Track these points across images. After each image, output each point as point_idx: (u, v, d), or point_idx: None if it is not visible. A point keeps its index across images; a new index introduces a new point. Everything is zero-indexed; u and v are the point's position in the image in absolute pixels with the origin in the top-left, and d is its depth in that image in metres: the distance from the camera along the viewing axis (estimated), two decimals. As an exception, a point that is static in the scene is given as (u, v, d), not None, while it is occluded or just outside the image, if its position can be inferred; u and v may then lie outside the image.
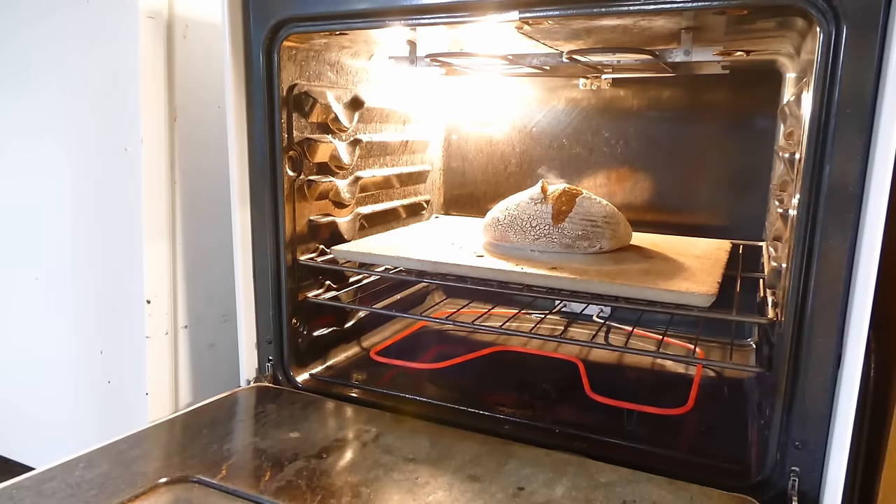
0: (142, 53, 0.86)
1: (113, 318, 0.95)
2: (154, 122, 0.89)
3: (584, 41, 0.81)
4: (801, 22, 0.63)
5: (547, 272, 0.77)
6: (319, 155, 0.90)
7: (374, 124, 1.05)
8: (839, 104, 0.54)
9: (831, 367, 0.57)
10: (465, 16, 0.68)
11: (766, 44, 0.80)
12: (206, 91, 0.95)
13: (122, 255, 0.92)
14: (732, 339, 0.95)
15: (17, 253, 1.04)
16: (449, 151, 1.26)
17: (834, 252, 0.56)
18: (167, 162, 0.91)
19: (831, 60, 0.54)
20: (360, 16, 0.72)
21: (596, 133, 1.13)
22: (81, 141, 0.94)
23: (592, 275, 0.77)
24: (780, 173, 0.88)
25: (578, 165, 1.14)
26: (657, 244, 0.96)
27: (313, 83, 0.89)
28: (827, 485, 0.59)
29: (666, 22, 0.67)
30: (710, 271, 0.79)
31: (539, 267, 0.80)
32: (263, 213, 0.83)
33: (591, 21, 0.67)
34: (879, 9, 0.52)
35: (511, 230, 0.90)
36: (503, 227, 0.91)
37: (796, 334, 0.59)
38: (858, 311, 0.55)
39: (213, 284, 1.00)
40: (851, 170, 0.54)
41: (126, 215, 0.91)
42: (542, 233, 0.87)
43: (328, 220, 0.94)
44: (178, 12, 0.90)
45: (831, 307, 0.57)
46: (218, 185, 0.94)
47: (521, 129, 1.19)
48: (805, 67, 0.70)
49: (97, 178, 0.93)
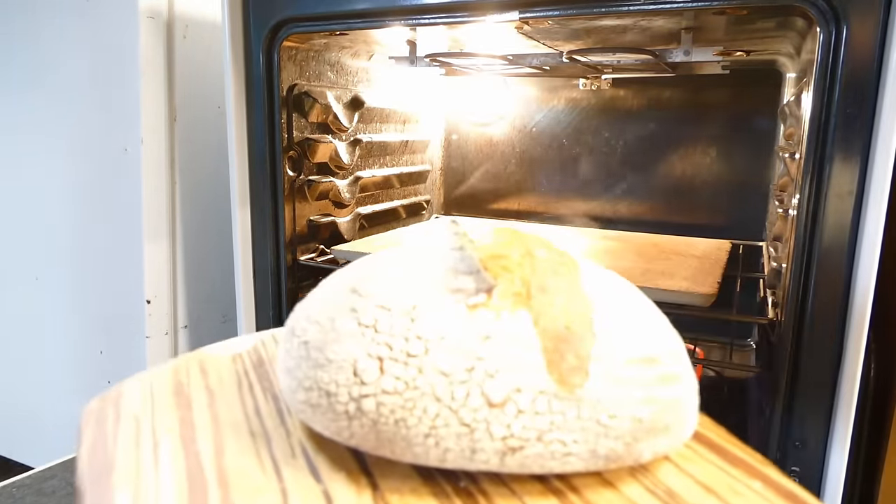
0: (142, 53, 0.86)
1: (113, 318, 0.95)
2: (154, 122, 0.89)
3: (584, 41, 0.81)
4: (801, 22, 0.63)
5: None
6: (319, 155, 0.90)
7: (374, 124, 1.05)
8: (839, 104, 0.54)
9: (831, 367, 0.57)
10: (465, 16, 0.68)
11: (766, 44, 0.80)
12: (206, 91, 0.95)
13: (122, 255, 0.92)
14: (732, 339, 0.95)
15: (17, 253, 1.04)
16: (449, 151, 1.26)
17: (834, 252, 0.56)
18: (167, 162, 0.91)
19: (831, 60, 0.54)
20: (360, 16, 0.72)
21: (596, 133, 1.13)
22: (81, 141, 0.94)
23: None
24: (780, 173, 0.88)
25: (578, 165, 1.14)
26: (657, 244, 0.96)
27: (313, 83, 0.89)
28: (827, 484, 0.59)
29: (666, 22, 0.67)
30: (710, 271, 0.79)
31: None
32: (263, 213, 0.83)
33: (591, 21, 0.67)
34: (879, 9, 0.52)
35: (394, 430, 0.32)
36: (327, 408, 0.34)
37: (796, 334, 0.59)
38: (858, 311, 0.55)
39: (213, 284, 1.00)
40: (851, 170, 0.54)
41: (126, 215, 0.91)
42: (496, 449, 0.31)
43: (328, 220, 0.94)
44: (178, 12, 0.90)
45: (831, 307, 0.57)
46: (218, 186, 0.94)
47: (521, 129, 1.19)
48: (805, 67, 0.70)
49: (97, 178, 0.93)
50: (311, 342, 0.32)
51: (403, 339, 0.30)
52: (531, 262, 0.33)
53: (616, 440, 0.30)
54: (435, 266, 0.33)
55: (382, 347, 0.30)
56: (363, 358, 0.30)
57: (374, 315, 0.31)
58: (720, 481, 0.32)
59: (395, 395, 0.29)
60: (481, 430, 0.29)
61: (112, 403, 0.38)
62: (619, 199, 1.11)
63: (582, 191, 1.15)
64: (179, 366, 0.43)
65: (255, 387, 0.40)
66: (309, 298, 0.36)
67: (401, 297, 0.31)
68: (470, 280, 0.31)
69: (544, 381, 0.29)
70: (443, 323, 0.30)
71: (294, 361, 0.33)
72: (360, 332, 0.31)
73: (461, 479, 0.31)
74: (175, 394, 0.39)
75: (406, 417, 0.29)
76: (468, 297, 0.31)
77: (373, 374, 0.29)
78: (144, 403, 0.38)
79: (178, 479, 0.30)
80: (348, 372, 0.30)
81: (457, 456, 0.29)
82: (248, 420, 0.36)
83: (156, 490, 0.29)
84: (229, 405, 0.38)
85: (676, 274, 0.77)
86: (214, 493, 0.29)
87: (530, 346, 0.30)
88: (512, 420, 0.29)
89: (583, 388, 0.29)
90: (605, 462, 0.30)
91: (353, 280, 0.34)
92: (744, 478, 0.32)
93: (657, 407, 0.31)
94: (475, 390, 0.29)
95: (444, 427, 0.29)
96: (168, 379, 0.41)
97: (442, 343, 0.30)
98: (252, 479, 0.30)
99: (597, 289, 0.34)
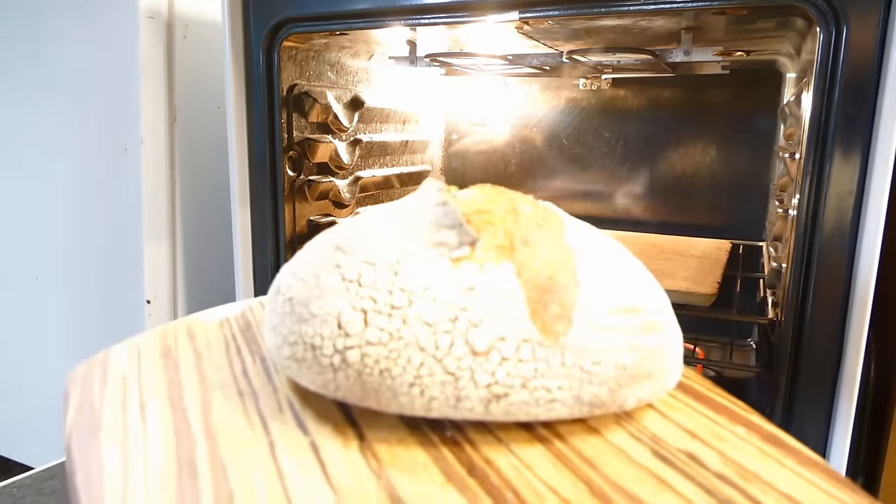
0: (142, 53, 0.86)
1: (113, 317, 0.95)
2: (154, 122, 0.89)
3: (584, 41, 0.81)
4: (801, 22, 0.63)
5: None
6: (319, 155, 0.90)
7: (374, 124, 1.05)
8: (839, 104, 0.54)
9: (831, 367, 0.57)
10: (465, 16, 0.68)
11: (766, 44, 0.80)
12: (206, 91, 0.95)
13: (122, 255, 0.92)
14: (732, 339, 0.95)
15: (16, 252, 1.04)
16: (449, 151, 1.26)
17: (834, 252, 0.56)
18: (167, 162, 0.91)
19: (831, 60, 0.54)
20: (360, 16, 0.72)
21: (596, 133, 1.13)
22: (81, 141, 0.94)
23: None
24: (780, 173, 0.88)
25: (578, 165, 1.14)
26: (657, 244, 0.96)
27: (313, 83, 0.89)
28: (827, 485, 0.59)
29: (666, 22, 0.67)
30: (710, 271, 0.79)
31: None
32: (263, 213, 0.83)
33: (591, 21, 0.67)
34: (879, 9, 0.52)
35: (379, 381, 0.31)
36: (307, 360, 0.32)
37: (796, 334, 0.59)
38: (858, 311, 0.55)
39: (213, 284, 1.00)
40: (851, 170, 0.54)
41: (126, 215, 0.91)
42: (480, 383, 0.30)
43: (328, 220, 0.94)
44: (178, 12, 0.90)
45: (831, 307, 0.57)
46: (218, 186, 0.94)
47: (521, 129, 1.19)
48: (805, 67, 0.70)
49: (97, 178, 0.93)
50: (295, 298, 0.32)
51: (387, 291, 0.30)
52: (515, 216, 0.33)
53: (600, 386, 0.30)
54: (419, 222, 0.33)
55: (366, 300, 0.30)
56: (347, 311, 0.30)
57: (358, 270, 0.31)
58: (704, 427, 0.32)
59: (379, 346, 0.29)
60: (465, 378, 0.29)
61: (99, 367, 0.38)
62: (619, 199, 1.11)
63: (582, 191, 1.15)
64: (167, 330, 0.43)
65: (243, 349, 0.40)
66: (295, 258, 0.36)
67: (384, 252, 0.31)
68: (453, 234, 0.31)
69: (528, 330, 0.29)
70: (426, 276, 0.30)
71: (279, 318, 0.33)
72: (343, 286, 0.31)
73: (448, 429, 0.31)
74: (163, 356, 0.39)
75: (391, 367, 0.29)
76: (451, 250, 0.31)
77: (357, 326, 0.30)
78: (131, 366, 0.38)
79: (165, 435, 0.30)
80: (332, 325, 0.30)
81: (442, 404, 0.29)
82: (236, 380, 0.36)
83: (143, 445, 0.29)
84: (217, 367, 0.38)
85: (676, 274, 0.77)
86: (202, 446, 0.29)
87: (514, 296, 0.30)
88: (496, 368, 0.29)
89: (566, 335, 0.30)
90: (590, 408, 0.31)
91: (338, 238, 0.34)
92: (727, 424, 0.33)
93: (640, 354, 0.31)
94: (459, 339, 0.29)
95: (428, 376, 0.29)
96: (156, 343, 0.41)
97: (425, 294, 0.30)
98: (240, 433, 0.30)
99: (580, 241, 0.34)
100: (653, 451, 0.30)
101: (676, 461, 0.29)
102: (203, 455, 0.29)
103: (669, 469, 0.28)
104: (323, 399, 0.33)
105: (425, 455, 0.29)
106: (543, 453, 0.30)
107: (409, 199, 0.35)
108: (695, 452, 0.30)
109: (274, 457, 0.29)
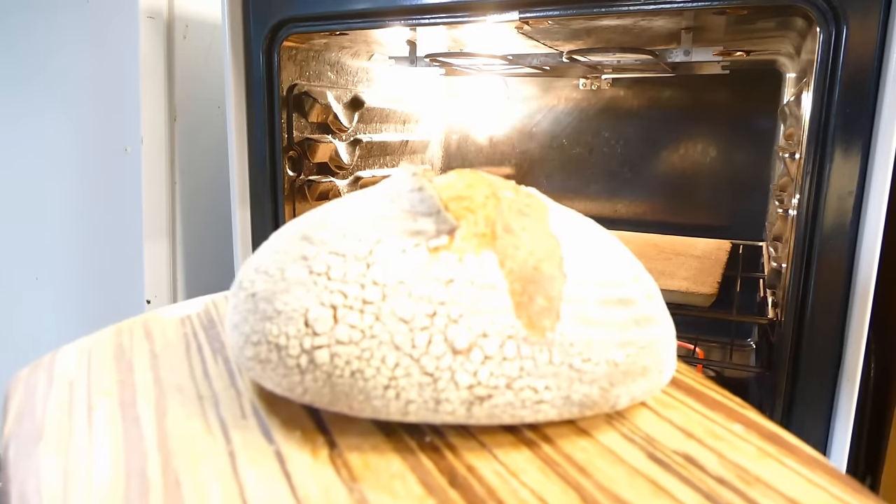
0: (142, 53, 0.86)
1: (113, 318, 0.95)
2: (154, 122, 0.89)
3: (584, 41, 0.81)
4: (801, 22, 0.63)
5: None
6: (319, 155, 0.90)
7: (374, 124, 1.05)
8: (839, 104, 0.54)
9: (831, 367, 0.57)
10: (465, 16, 0.68)
11: (766, 44, 0.80)
12: (206, 91, 0.95)
13: (122, 255, 0.92)
14: (732, 339, 0.95)
15: (16, 252, 1.04)
16: (449, 151, 1.26)
17: (834, 252, 0.56)
18: (167, 162, 0.91)
19: (831, 60, 0.54)
20: (360, 16, 0.72)
21: (596, 133, 1.13)
22: (81, 141, 0.94)
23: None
24: (780, 173, 0.88)
25: (578, 165, 1.14)
26: (657, 244, 0.96)
27: (313, 83, 0.89)
28: (827, 485, 0.59)
29: (666, 22, 0.67)
30: (710, 271, 0.79)
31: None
32: (263, 213, 0.83)
33: (591, 21, 0.67)
34: (879, 9, 0.52)
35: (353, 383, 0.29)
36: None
37: (796, 334, 0.59)
38: (858, 311, 0.55)
39: (213, 284, 1.00)
40: (851, 170, 0.54)
41: (126, 215, 0.91)
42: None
43: (328, 220, 0.94)
44: (178, 12, 0.90)
45: (831, 307, 0.57)
46: (218, 186, 0.94)
47: (521, 129, 1.19)
48: (805, 67, 0.70)
49: (97, 177, 0.93)
50: (258, 293, 0.29)
51: (359, 285, 0.27)
52: (496, 203, 0.31)
53: (591, 385, 0.28)
54: (393, 209, 0.30)
55: (336, 295, 0.27)
56: (315, 307, 0.27)
57: (327, 262, 0.28)
58: (700, 426, 0.31)
59: (350, 345, 0.27)
60: (445, 379, 0.26)
61: (44, 370, 0.35)
62: (619, 199, 1.11)
63: (582, 191, 1.15)
64: (122, 329, 0.40)
65: (204, 348, 0.37)
66: (259, 249, 0.33)
67: (355, 243, 0.29)
68: (430, 222, 0.29)
69: (512, 325, 0.27)
70: (401, 267, 0.28)
71: (241, 315, 0.30)
72: (311, 280, 0.28)
73: (426, 434, 0.29)
74: (115, 358, 0.36)
75: (363, 368, 0.27)
76: (429, 239, 0.29)
77: (326, 323, 0.27)
78: (80, 368, 0.35)
79: (114, 445, 0.28)
80: (299, 323, 0.27)
81: (420, 408, 0.27)
82: (195, 382, 0.33)
83: (88, 457, 0.27)
84: (175, 367, 0.35)
85: (676, 274, 0.77)
86: (154, 457, 0.27)
87: (496, 288, 0.28)
88: (478, 367, 0.27)
89: (554, 330, 0.27)
90: (580, 409, 0.28)
91: (305, 227, 0.31)
92: (724, 421, 0.32)
93: (633, 349, 0.29)
94: (438, 337, 0.27)
95: (404, 377, 0.26)
96: (108, 342, 0.39)
97: (400, 288, 0.27)
98: (197, 442, 0.28)
99: (566, 229, 0.32)
100: (647, 453, 0.28)
101: (672, 464, 0.27)
102: (155, 467, 0.26)
103: (665, 473, 0.27)
104: (290, 404, 0.30)
105: (402, 463, 0.27)
106: (530, 458, 0.28)
107: (383, 184, 0.33)
108: (691, 454, 0.28)
109: (234, 468, 0.26)
